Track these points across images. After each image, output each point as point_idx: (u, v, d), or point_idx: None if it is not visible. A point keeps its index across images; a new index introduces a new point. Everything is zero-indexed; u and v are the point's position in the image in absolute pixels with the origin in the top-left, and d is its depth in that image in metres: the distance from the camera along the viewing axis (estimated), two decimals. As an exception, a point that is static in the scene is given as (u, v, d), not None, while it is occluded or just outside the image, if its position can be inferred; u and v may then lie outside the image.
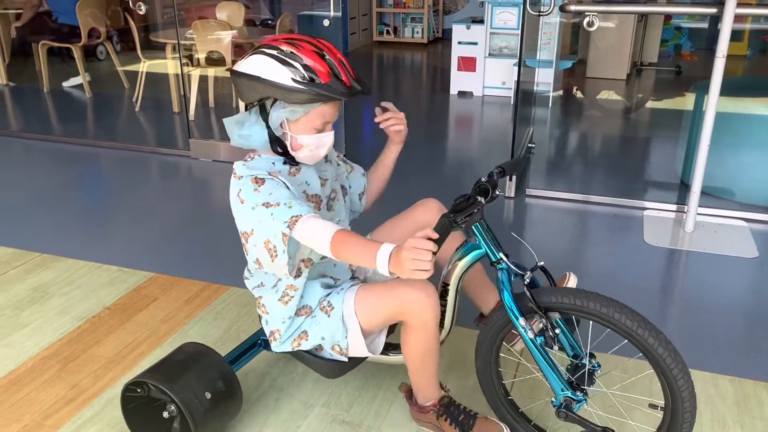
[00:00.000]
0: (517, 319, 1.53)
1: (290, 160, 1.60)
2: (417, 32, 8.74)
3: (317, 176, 1.67)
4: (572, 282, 1.74)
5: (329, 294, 1.67)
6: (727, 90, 2.89)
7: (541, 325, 1.52)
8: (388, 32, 8.85)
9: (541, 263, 1.55)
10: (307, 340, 1.68)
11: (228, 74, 5.00)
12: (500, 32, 5.67)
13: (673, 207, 3.31)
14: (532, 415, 1.77)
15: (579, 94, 6.13)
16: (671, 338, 2.26)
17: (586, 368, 1.55)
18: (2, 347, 2.18)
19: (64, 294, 2.50)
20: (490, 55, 5.73)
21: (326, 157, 1.73)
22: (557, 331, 1.52)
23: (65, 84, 5.89)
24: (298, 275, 1.60)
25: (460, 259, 1.62)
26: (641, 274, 2.71)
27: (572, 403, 1.56)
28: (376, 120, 1.74)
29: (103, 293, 2.50)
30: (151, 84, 5.27)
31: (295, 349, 1.70)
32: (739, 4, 2.73)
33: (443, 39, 8.79)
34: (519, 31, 5.52)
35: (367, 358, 1.72)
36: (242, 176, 1.54)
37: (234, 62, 4.83)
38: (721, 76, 2.80)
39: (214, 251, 2.87)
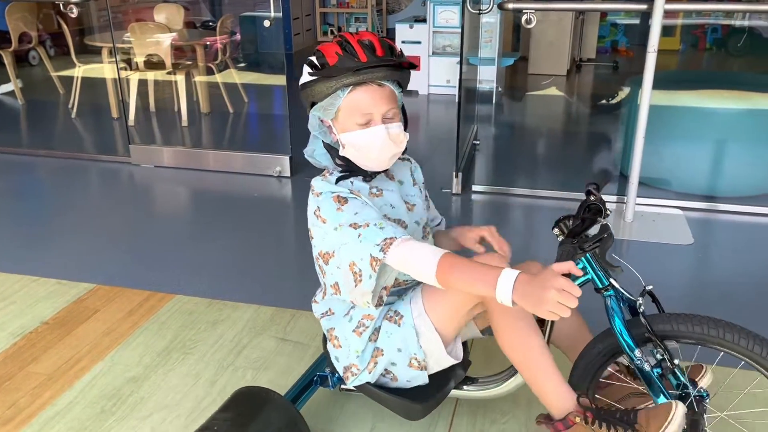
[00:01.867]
0: (632, 350, 1.37)
1: (357, 174, 1.46)
2: (361, 32, 8.75)
3: (402, 200, 1.52)
4: (708, 376, 1.50)
5: (392, 304, 1.52)
6: (661, 83, 3.00)
7: (658, 356, 1.38)
8: (332, 32, 8.82)
9: (650, 287, 1.42)
10: (383, 356, 1.50)
11: (168, 77, 4.89)
12: (443, 31, 5.73)
13: (614, 198, 3.40)
14: None
15: (528, 90, 6.24)
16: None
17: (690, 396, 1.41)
18: (-68, 369, 2.07)
19: (-2, 310, 2.40)
20: (433, 53, 5.78)
21: (413, 179, 1.60)
22: (677, 362, 1.36)
23: (-4, 91, 5.65)
24: (379, 304, 1.43)
25: None
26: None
27: None
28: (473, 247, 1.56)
29: (41, 307, 2.41)
30: (88, 89, 5.10)
31: (371, 372, 1.52)
32: (669, 0, 2.83)
33: (387, 38, 8.81)
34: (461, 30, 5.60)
35: (448, 392, 1.57)
36: (321, 193, 1.41)
37: (174, 65, 4.77)
38: (653, 71, 2.90)
39: (158, 259, 2.80)
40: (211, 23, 6.68)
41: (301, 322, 2.28)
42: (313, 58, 1.40)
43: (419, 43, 5.78)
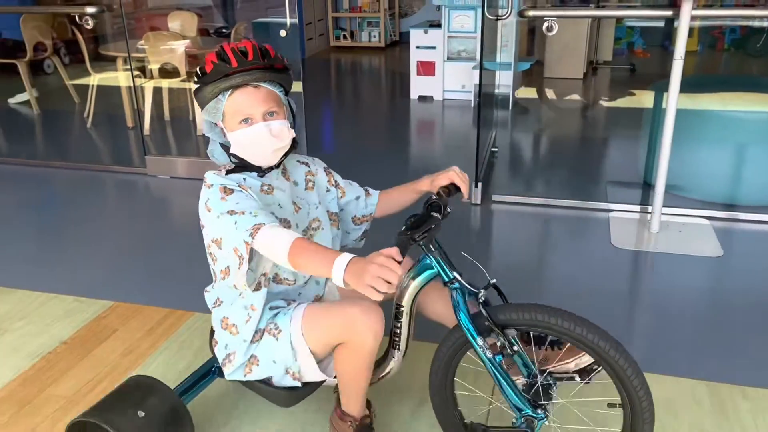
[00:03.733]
0: (474, 339, 1.49)
1: (251, 170, 1.57)
2: (374, 36, 8.71)
3: (291, 201, 1.63)
4: (585, 359, 1.57)
5: (276, 314, 1.62)
6: (683, 87, 2.91)
7: (499, 344, 1.49)
8: (344, 37, 8.79)
9: (493, 281, 1.52)
10: (258, 365, 1.62)
11: (183, 85, 4.87)
12: (458, 36, 5.67)
13: (637, 208, 3.33)
14: None
15: (545, 95, 6.17)
16: (641, 343, 2.27)
17: (540, 384, 1.53)
18: (-49, 392, 2.04)
19: (17, 329, 2.37)
20: (448, 58, 5.72)
21: (308, 182, 1.69)
22: (516, 348, 1.49)
23: (11, 101, 5.65)
24: (257, 289, 1.56)
25: (413, 279, 1.58)
26: (608, 277, 2.71)
27: (534, 422, 1.53)
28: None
29: (59, 326, 2.38)
30: (103, 98, 5.09)
31: (246, 376, 1.63)
32: (695, 8, 2.76)
33: (401, 42, 8.78)
34: (477, 35, 5.54)
35: (322, 383, 1.67)
36: (212, 185, 1.52)
37: (189, 73, 4.74)
38: (679, 79, 2.83)
39: (177, 274, 2.76)
40: (224, 30, 6.66)
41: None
42: (198, 68, 1.53)
43: (434, 48, 5.73)
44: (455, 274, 1.51)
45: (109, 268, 2.84)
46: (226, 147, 1.57)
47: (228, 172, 1.56)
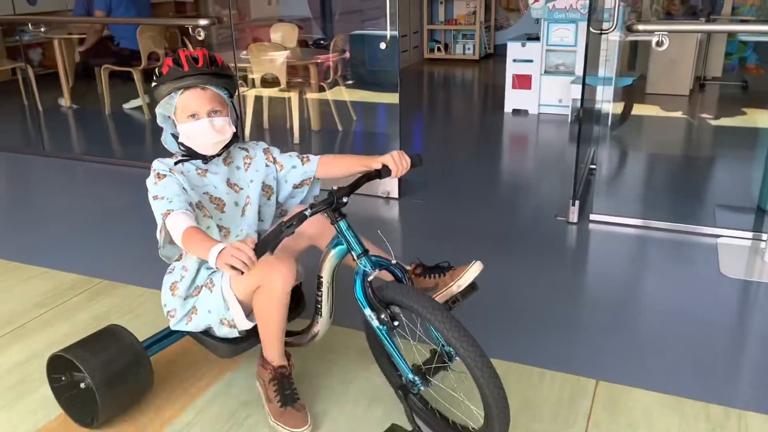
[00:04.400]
0: (364, 308, 1.72)
1: (194, 157, 1.85)
2: (468, 49, 8.68)
3: (225, 183, 1.90)
4: (475, 269, 1.83)
5: (214, 272, 1.88)
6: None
7: (383, 316, 1.69)
8: (439, 49, 8.81)
9: (395, 261, 1.78)
10: (197, 314, 1.90)
11: (281, 94, 5.03)
12: (557, 49, 5.55)
13: (750, 234, 3.12)
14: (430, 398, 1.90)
15: (648, 112, 5.92)
16: (751, 380, 2.12)
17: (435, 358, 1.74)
18: (66, 377, 2.18)
19: (125, 322, 2.47)
20: (546, 72, 5.61)
21: (246, 165, 1.93)
22: (396, 323, 1.70)
23: (126, 106, 6.04)
24: (178, 260, 1.93)
25: (329, 252, 1.82)
26: (717, 308, 2.55)
27: (411, 386, 1.76)
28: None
29: (163, 321, 2.47)
30: (208, 106, 5.32)
31: (188, 325, 1.92)
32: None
33: (495, 55, 8.69)
34: (576, 48, 5.40)
35: (258, 342, 1.92)
36: (154, 170, 1.81)
37: (288, 83, 4.90)
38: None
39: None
40: (322, 41, 6.84)
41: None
42: (156, 68, 1.80)
43: (531, 61, 5.63)
44: (356, 253, 1.73)
45: (209, 268, 2.96)
46: (176, 136, 1.85)
47: (176, 162, 1.83)
